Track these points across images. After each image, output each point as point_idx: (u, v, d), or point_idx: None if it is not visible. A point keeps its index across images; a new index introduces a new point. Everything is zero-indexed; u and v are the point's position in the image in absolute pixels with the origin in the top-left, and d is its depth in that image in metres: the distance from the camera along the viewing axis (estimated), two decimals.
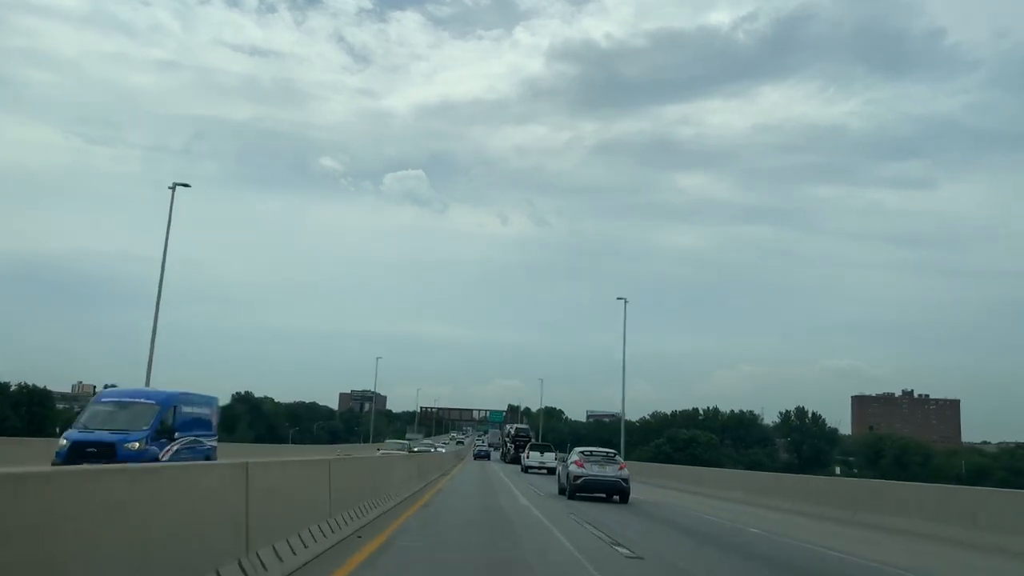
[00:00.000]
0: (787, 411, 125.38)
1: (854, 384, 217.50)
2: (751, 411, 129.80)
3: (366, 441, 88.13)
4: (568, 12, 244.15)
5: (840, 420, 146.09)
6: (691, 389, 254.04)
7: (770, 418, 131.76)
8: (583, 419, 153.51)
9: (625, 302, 50.55)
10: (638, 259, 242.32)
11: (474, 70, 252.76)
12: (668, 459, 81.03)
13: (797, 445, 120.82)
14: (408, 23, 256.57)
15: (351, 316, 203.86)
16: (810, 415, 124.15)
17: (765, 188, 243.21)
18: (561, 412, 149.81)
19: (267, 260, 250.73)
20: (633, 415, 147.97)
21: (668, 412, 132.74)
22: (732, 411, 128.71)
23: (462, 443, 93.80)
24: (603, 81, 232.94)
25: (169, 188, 31.05)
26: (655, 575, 9.43)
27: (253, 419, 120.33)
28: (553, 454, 44.86)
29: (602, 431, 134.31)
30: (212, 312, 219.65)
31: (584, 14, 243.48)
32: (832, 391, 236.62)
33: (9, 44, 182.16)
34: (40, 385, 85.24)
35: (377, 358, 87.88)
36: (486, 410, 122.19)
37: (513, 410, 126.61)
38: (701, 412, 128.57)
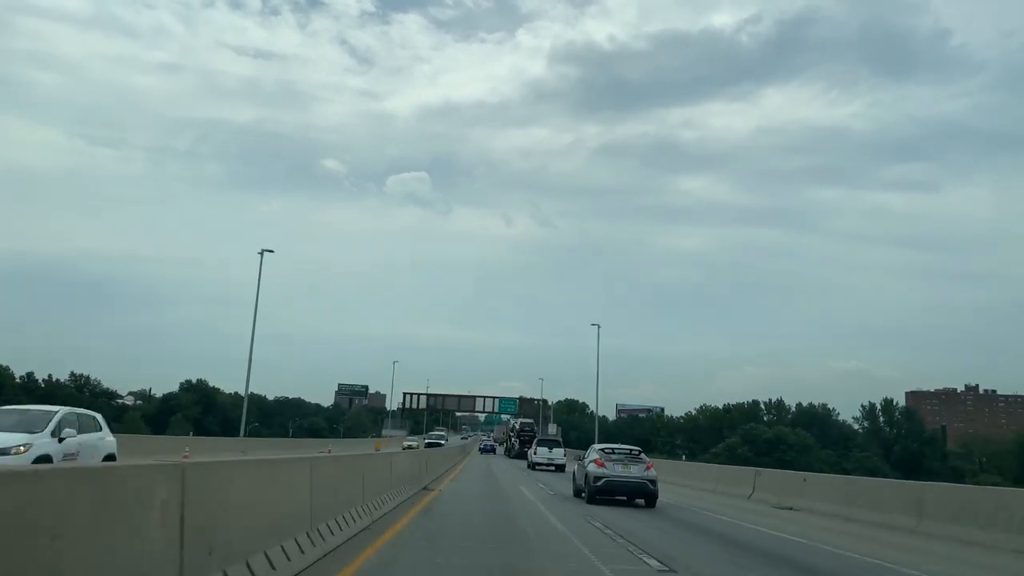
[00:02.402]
0: (870, 404, 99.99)
1: (859, 384, 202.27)
2: (823, 403, 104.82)
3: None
4: (570, 14, 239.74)
5: None
6: (698, 389, 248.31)
7: (848, 413, 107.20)
8: (609, 416, 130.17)
9: None
10: (642, 260, 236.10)
11: (476, 72, 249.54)
12: (747, 464, 57.67)
13: (887, 446, 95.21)
14: (410, 25, 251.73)
15: (355, 317, 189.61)
16: (900, 410, 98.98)
17: (768, 190, 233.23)
18: (585, 405, 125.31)
19: (270, 261, 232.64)
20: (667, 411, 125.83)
21: (719, 406, 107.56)
22: (801, 404, 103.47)
23: (441, 443, 64.16)
24: (605, 83, 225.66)
25: None
26: None
27: (204, 411, 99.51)
28: (562, 450, 41.96)
29: (637, 428, 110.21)
30: (216, 311, 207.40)
31: (586, 16, 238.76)
32: (838, 391, 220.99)
33: (13, 46, 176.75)
34: None
35: (261, 272, 54.06)
36: (494, 398, 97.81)
37: (527, 402, 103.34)
38: (763, 405, 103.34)
